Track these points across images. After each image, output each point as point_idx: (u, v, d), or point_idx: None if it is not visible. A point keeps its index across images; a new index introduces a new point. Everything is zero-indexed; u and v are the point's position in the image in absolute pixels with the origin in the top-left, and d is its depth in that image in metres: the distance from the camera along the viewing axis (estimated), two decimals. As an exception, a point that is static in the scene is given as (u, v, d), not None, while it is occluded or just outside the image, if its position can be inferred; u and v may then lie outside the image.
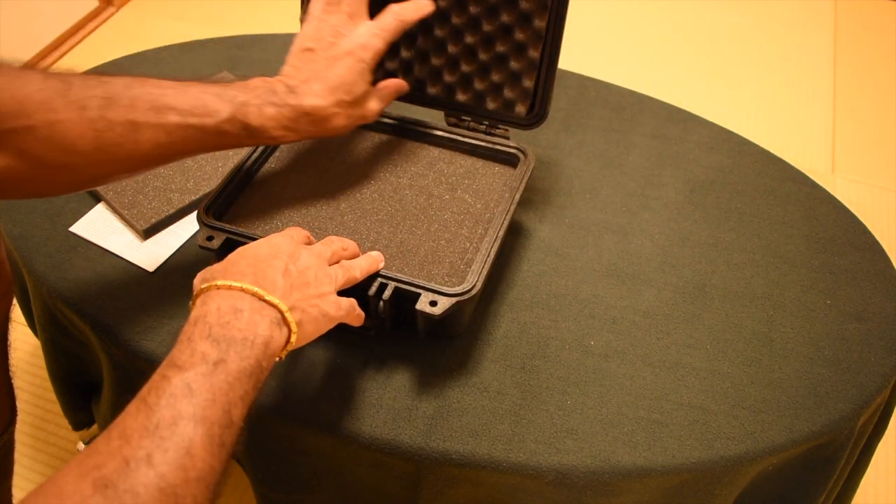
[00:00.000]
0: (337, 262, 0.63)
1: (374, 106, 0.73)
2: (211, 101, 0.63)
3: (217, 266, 0.57)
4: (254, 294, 0.53)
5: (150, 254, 0.80)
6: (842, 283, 0.81)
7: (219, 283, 0.54)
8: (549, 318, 0.77)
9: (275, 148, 0.82)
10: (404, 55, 0.82)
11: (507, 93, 0.80)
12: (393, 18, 0.72)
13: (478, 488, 0.69)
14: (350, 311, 0.62)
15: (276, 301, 0.54)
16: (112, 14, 2.12)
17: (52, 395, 0.98)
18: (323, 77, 0.69)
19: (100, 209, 0.84)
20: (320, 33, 0.71)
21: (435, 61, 0.81)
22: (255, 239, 0.66)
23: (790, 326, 0.77)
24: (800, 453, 0.71)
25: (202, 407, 0.46)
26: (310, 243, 0.64)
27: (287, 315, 0.54)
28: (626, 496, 0.69)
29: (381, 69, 0.83)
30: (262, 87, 0.67)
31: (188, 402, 0.46)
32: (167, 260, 0.80)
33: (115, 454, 0.43)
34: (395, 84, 0.77)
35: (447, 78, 0.82)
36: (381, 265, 0.68)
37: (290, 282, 0.56)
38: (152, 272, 0.79)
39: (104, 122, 0.59)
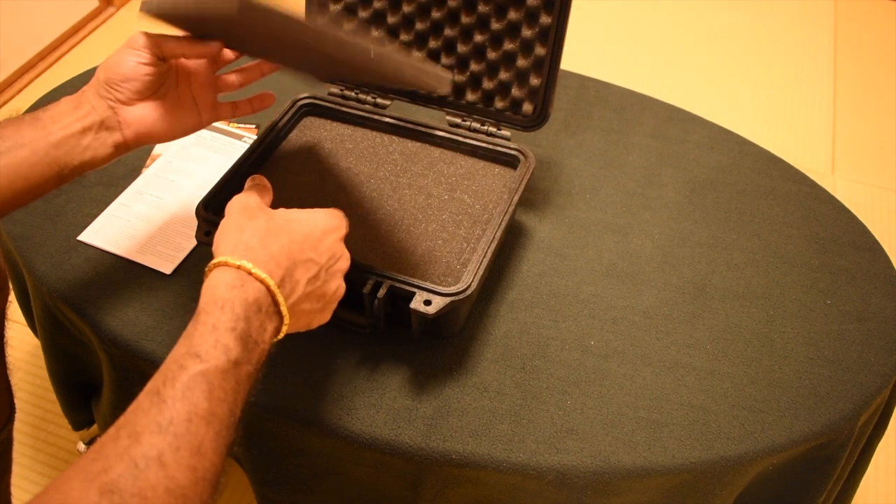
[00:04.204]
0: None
1: None
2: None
3: (259, 225, 0.54)
4: (273, 297, 0.52)
5: (162, 256, 0.80)
6: (842, 283, 0.81)
7: (252, 269, 0.51)
8: (549, 318, 0.77)
9: (274, 147, 0.82)
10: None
11: (515, 91, 0.80)
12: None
13: (478, 488, 0.69)
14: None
15: (285, 313, 0.53)
16: (112, 14, 2.11)
17: (52, 395, 0.98)
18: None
19: (106, 215, 0.84)
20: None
21: (445, 61, 0.82)
22: None
23: (790, 326, 0.77)
24: (800, 453, 0.71)
25: (214, 404, 0.45)
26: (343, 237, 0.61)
27: (285, 327, 0.53)
28: (626, 496, 0.69)
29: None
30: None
31: (204, 398, 0.45)
32: (182, 262, 0.80)
33: (123, 455, 0.41)
34: None
35: (457, 77, 0.82)
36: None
37: (310, 290, 0.55)
38: (152, 272, 0.79)
39: None
